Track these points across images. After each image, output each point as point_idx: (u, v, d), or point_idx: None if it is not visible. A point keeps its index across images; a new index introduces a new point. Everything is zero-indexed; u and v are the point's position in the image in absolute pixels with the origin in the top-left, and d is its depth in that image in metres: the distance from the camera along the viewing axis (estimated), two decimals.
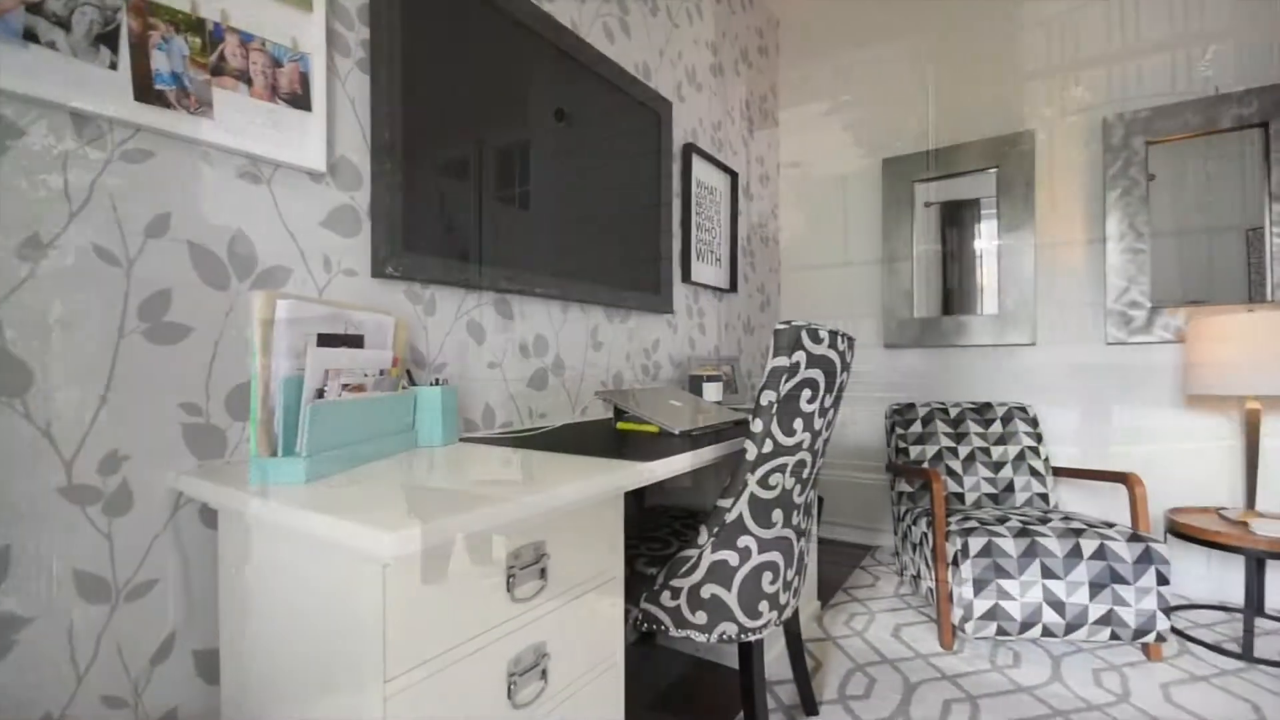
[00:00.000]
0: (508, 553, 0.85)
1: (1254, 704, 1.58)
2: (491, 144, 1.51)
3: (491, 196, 1.50)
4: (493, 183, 1.51)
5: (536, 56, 1.64)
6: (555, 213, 1.70)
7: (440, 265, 1.35)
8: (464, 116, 1.43)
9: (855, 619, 2.12)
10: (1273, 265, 2.19)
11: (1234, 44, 2.27)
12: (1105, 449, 2.50)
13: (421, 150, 1.33)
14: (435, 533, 0.66)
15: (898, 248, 2.90)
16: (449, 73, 1.40)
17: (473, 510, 0.70)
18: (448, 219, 1.39)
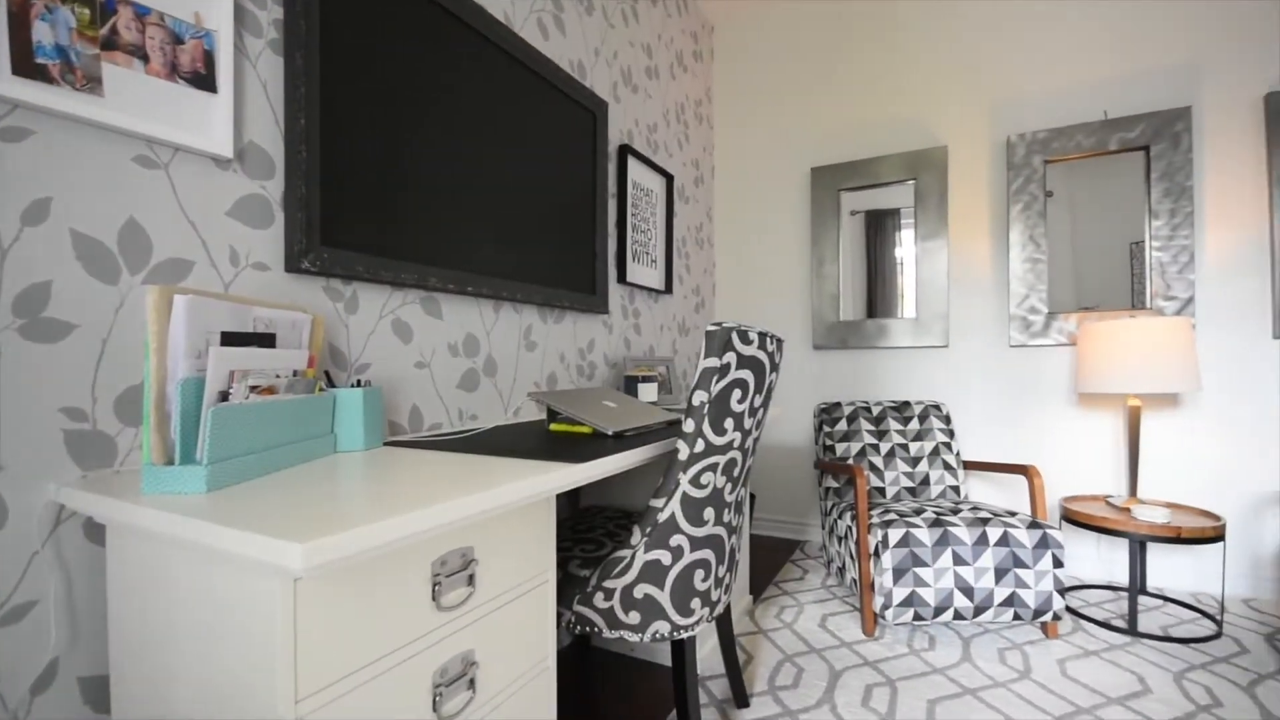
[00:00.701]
0: (433, 560, 0.82)
1: (1139, 675, 1.75)
2: (420, 136, 1.45)
3: (419, 190, 1.45)
4: (421, 176, 1.45)
5: (468, 47, 1.60)
6: (487, 210, 1.66)
7: (363, 261, 1.29)
8: (390, 106, 1.37)
9: (785, 611, 2.18)
10: (1151, 276, 2.43)
11: (1121, 74, 2.50)
12: (1009, 443, 2.69)
13: (343, 140, 1.27)
14: (351, 542, 0.62)
15: (826, 253, 3.01)
16: (374, 60, 1.34)
17: (393, 517, 0.67)
18: (371, 213, 1.33)
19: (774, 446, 3.19)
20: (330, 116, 1.24)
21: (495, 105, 1.69)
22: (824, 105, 3.06)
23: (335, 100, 1.25)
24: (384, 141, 1.36)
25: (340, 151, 1.26)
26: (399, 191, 1.40)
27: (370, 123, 1.33)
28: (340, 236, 1.26)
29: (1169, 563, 2.43)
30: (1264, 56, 2.29)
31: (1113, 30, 2.51)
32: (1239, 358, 2.33)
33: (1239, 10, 2.32)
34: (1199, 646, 1.91)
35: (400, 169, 1.40)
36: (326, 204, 1.23)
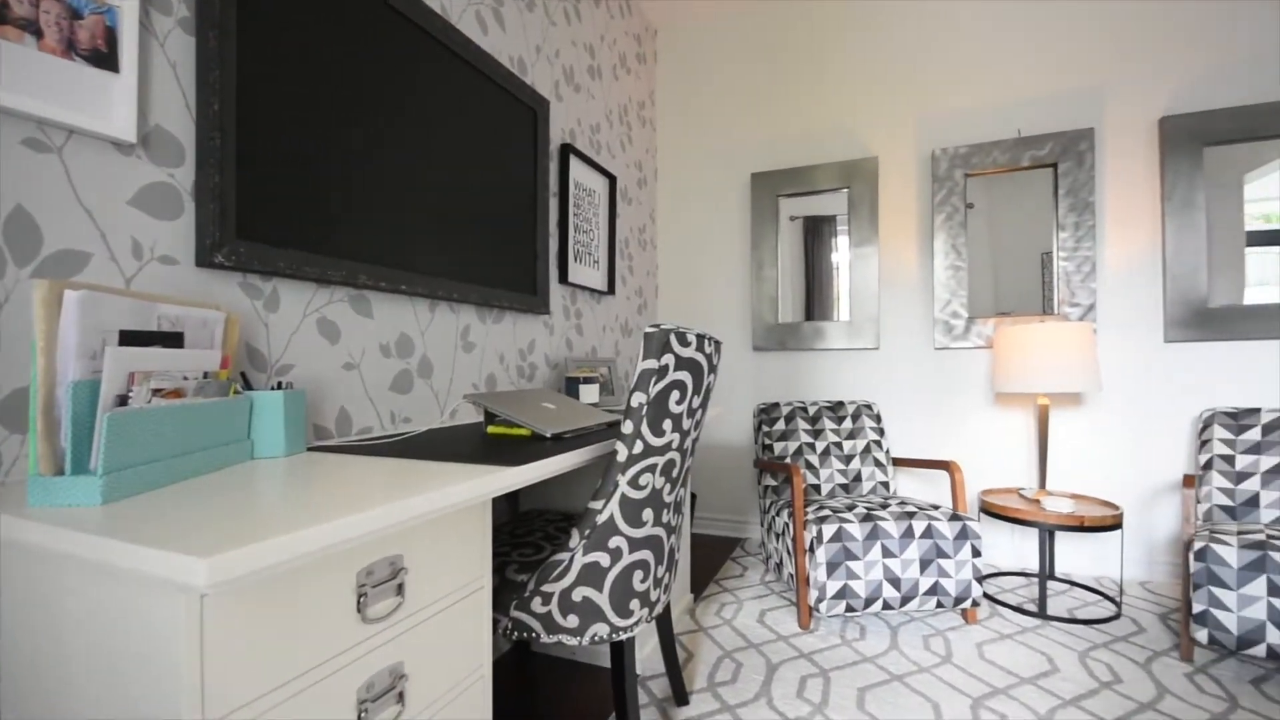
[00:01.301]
0: (358, 571, 0.79)
1: (1048, 656, 1.88)
2: (351, 127, 1.39)
3: (350, 184, 1.39)
4: (351, 169, 1.39)
5: (403, 37, 1.54)
6: (424, 207, 1.61)
7: (285, 256, 1.22)
8: (318, 94, 1.31)
9: (725, 608, 2.22)
10: (1058, 284, 2.62)
11: (1033, 95, 2.68)
12: (934, 440, 2.84)
13: (264, 127, 1.20)
14: (262, 555, 0.59)
15: (765, 257, 3.09)
16: (299, 44, 1.27)
17: (311, 527, 0.64)
18: (295, 206, 1.26)
19: (715, 446, 3.25)
20: (249, 102, 1.17)
21: (432, 99, 1.64)
22: (763, 113, 3.14)
23: (255, 85, 1.18)
24: (311, 131, 1.29)
25: (261, 139, 1.19)
26: (327, 184, 1.33)
27: (296, 110, 1.26)
28: (260, 230, 1.19)
29: (1075, 549, 2.63)
30: (1159, 84, 2.51)
31: (1026, 55, 2.69)
32: (1135, 360, 2.55)
33: (1137, 41, 2.54)
34: (1101, 627, 2.07)
35: (329, 161, 1.34)
36: (244, 195, 1.16)
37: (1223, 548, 1.70)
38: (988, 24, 2.75)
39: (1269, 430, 2.08)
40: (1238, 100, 2.41)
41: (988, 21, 2.75)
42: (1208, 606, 1.71)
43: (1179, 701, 1.61)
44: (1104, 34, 2.58)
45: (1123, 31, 2.55)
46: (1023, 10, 2.69)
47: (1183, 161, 2.45)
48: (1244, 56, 2.40)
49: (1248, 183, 2.41)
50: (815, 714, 1.56)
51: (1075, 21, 2.62)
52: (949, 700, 1.62)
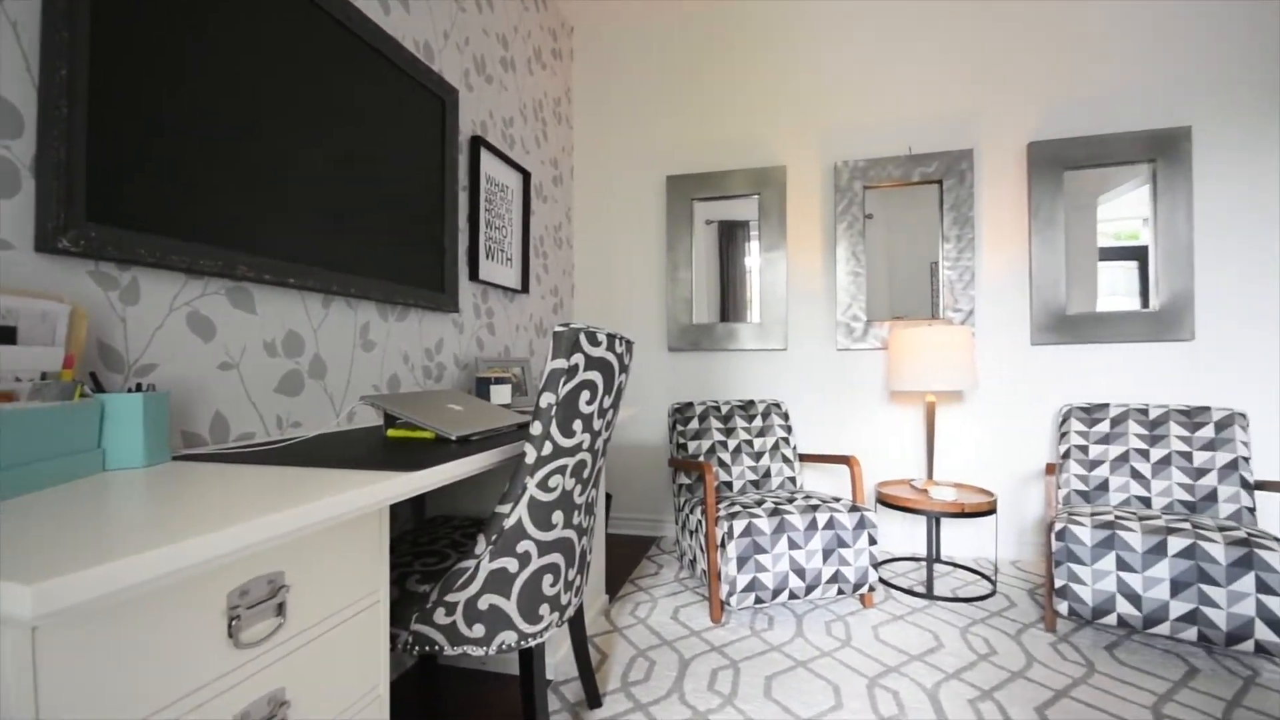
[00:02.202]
0: (230, 591, 0.71)
1: (935, 633, 2.03)
2: (233, 104, 1.27)
3: (230, 166, 1.26)
4: (231, 148, 1.27)
5: (294, 10, 1.43)
6: (318, 195, 1.50)
7: (146, 242, 1.09)
8: (190, 62, 1.18)
9: (640, 607, 2.23)
10: (943, 291, 2.85)
11: (923, 116, 2.90)
12: (836, 436, 3.00)
13: (123, 97, 1.06)
14: (105, 579, 0.51)
15: (680, 259, 3.14)
16: (172, 9, 1.14)
17: (168, 545, 0.57)
18: (162, 187, 1.13)
19: (630, 446, 3.26)
20: (106, 67, 1.04)
21: (328, 79, 1.53)
22: (679, 117, 3.19)
23: (115, 49, 1.05)
24: (183, 103, 1.16)
25: (120, 110, 1.06)
26: (202, 164, 1.20)
27: (165, 79, 1.13)
28: (117, 212, 1.05)
29: (958, 534, 2.86)
30: (1027, 112, 2.79)
31: (917, 79, 2.90)
32: (1007, 361, 2.81)
33: (1009, 72, 2.81)
34: (979, 604, 2.26)
35: (206, 139, 1.21)
36: (98, 172, 1.02)
37: (1078, 528, 1.90)
38: (885, 49, 2.94)
39: (1116, 423, 2.36)
40: (1093, 130, 2.72)
41: (885, 46, 2.94)
42: (1067, 581, 1.91)
43: (1045, 669, 1.78)
44: (982, 64, 2.83)
45: (997, 63, 2.81)
46: (914, 38, 2.91)
47: (1046, 183, 2.73)
48: (1098, 91, 2.72)
49: (1100, 204, 2.73)
50: (725, 705, 1.60)
51: (958, 52, 2.86)
52: (848, 681, 1.71)
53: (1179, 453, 2.19)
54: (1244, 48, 2.58)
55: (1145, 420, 2.29)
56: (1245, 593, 1.66)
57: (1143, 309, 2.67)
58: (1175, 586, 1.75)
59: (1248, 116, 2.57)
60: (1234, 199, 2.59)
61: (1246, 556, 1.67)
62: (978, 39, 2.84)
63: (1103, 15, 2.71)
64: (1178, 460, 2.18)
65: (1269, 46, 2.56)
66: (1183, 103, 2.64)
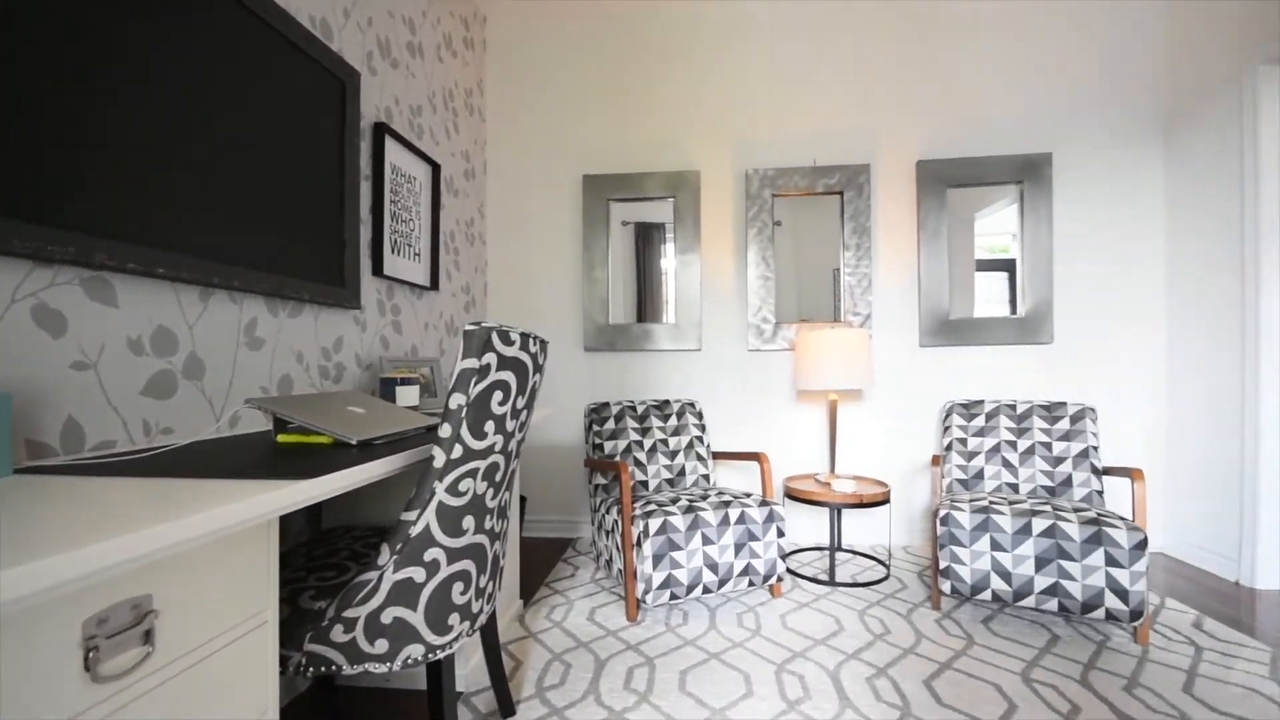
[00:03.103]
0: (85, 620, 0.63)
1: (836, 618, 2.14)
2: (93, 67, 1.11)
3: (93, 140, 1.11)
4: (92, 121, 1.12)
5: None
6: (196, 177, 1.35)
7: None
8: (42, 19, 1.03)
9: (556, 610, 2.20)
10: (844, 295, 3.03)
11: (827, 130, 3.06)
12: (748, 434, 3.11)
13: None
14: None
15: (596, 258, 3.13)
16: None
17: (2, 572, 0.49)
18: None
19: (546, 447, 3.21)
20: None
21: (208, 50, 1.38)
22: (596, 117, 3.18)
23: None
24: (31, 66, 1.01)
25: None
26: (55, 138, 1.05)
27: (7, 35, 0.98)
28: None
29: (857, 523, 3.05)
30: (918, 132, 3.02)
31: (822, 94, 3.06)
32: (899, 361, 3.03)
33: (902, 94, 3.03)
34: (875, 588, 2.42)
35: (59, 111, 1.06)
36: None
37: (959, 513, 2.08)
38: (793, 64, 3.08)
39: (990, 417, 2.60)
40: (972, 152, 2.99)
41: (793, 62, 3.08)
42: (950, 563, 2.08)
43: (931, 644, 1.94)
44: (878, 87, 3.04)
45: (891, 87, 3.03)
46: (820, 58, 3.07)
47: (933, 199, 2.97)
48: (977, 117, 2.99)
49: (977, 219, 3.01)
50: (641, 703, 1.61)
51: (857, 73, 3.05)
52: (757, 669, 1.78)
53: (1041, 443, 2.45)
54: (1097, 86, 2.93)
55: (1014, 415, 2.55)
56: (1096, 566, 1.89)
57: (1012, 315, 2.97)
58: (1039, 563, 1.95)
59: (1098, 146, 2.93)
60: (1086, 218, 2.94)
61: (1096, 534, 1.90)
62: (874, 63, 3.04)
63: (981, 50, 2.99)
64: (1040, 450, 2.44)
65: (1117, 86, 2.93)
66: (1045, 132, 2.96)
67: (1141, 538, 1.86)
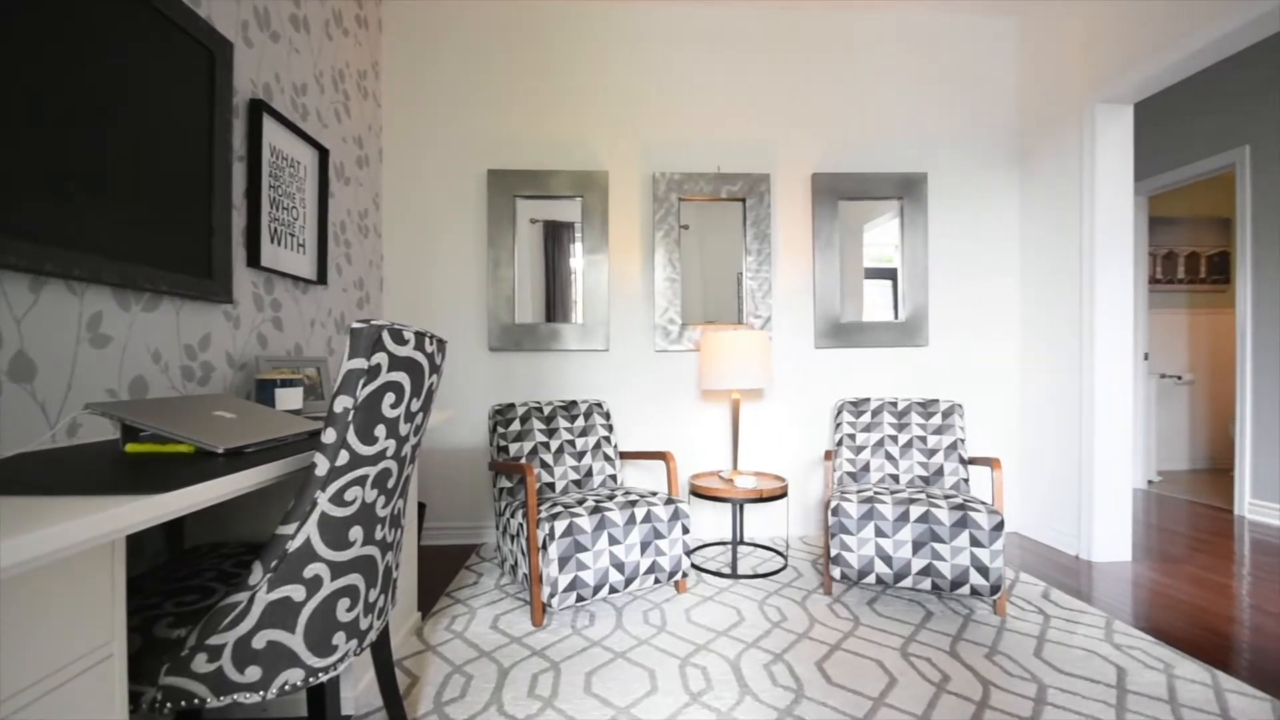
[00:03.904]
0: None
1: (737, 609, 2.22)
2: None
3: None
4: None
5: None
6: (24, 148, 1.16)
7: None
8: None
9: (457, 620, 2.11)
10: (746, 299, 3.15)
11: (730, 139, 3.17)
12: (655, 434, 3.15)
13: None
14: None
15: (502, 256, 3.05)
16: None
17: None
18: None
19: (448, 451, 3.08)
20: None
21: (54, 8, 1.20)
22: (501, 110, 3.09)
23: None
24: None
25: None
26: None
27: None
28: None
29: (758, 517, 3.18)
30: (813, 145, 3.20)
31: (725, 104, 3.17)
32: (796, 362, 3.20)
33: (799, 109, 3.19)
34: (774, 578, 2.53)
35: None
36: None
37: (847, 504, 2.23)
38: (700, 74, 3.16)
39: (875, 414, 2.80)
40: (860, 168, 3.21)
41: (699, 71, 3.16)
42: (840, 550, 2.22)
43: (823, 627, 2.05)
44: (778, 100, 3.19)
45: (789, 101, 3.19)
46: (724, 69, 3.17)
47: (826, 210, 3.16)
48: (865, 136, 3.21)
49: (865, 230, 3.23)
50: (545, 708, 1.58)
51: (759, 86, 3.18)
52: (662, 665, 1.80)
53: (918, 437, 2.68)
54: (964, 116, 3.25)
55: (895, 411, 2.76)
56: (963, 547, 2.09)
57: (894, 320, 3.22)
58: (915, 547, 2.13)
59: (965, 169, 3.25)
60: (956, 233, 3.25)
61: (963, 519, 2.10)
62: (775, 79, 3.19)
63: (869, 76, 3.22)
64: (917, 444, 2.67)
65: (981, 117, 3.26)
66: (922, 153, 3.24)
67: (999, 520, 2.08)
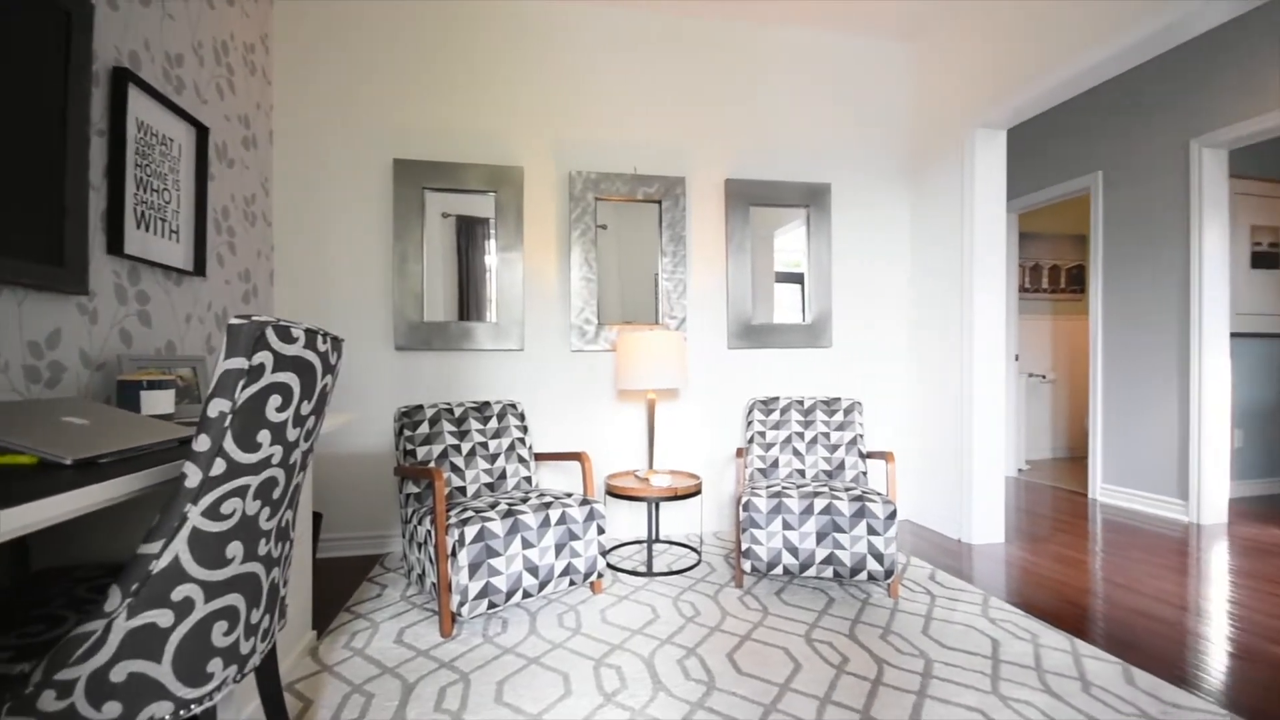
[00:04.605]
0: None
1: (652, 606, 2.24)
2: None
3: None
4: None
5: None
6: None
7: None
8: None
9: (357, 637, 1.99)
10: (662, 299, 3.19)
11: (647, 140, 3.20)
12: (572, 434, 3.13)
13: None
14: None
15: (410, 250, 2.91)
16: None
17: None
18: None
19: (349, 456, 2.90)
20: None
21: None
22: (410, 97, 2.95)
23: None
24: None
25: None
26: None
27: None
28: None
29: (673, 514, 3.24)
30: (727, 152, 3.29)
31: (643, 106, 3.19)
32: (710, 362, 3.28)
33: (713, 116, 3.28)
34: (688, 574, 2.58)
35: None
36: None
37: (757, 499, 2.31)
38: (617, 74, 3.17)
39: (784, 412, 2.92)
40: (771, 176, 3.34)
41: (619, 73, 3.17)
42: (750, 544, 2.30)
43: (734, 619, 2.12)
44: (692, 106, 3.26)
45: (704, 108, 3.27)
46: (642, 71, 3.20)
47: (738, 215, 3.27)
48: (774, 145, 3.35)
49: (776, 236, 3.37)
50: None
51: (675, 91, 3.24)
52: (576, 668, 1.78)
53: (822, 434, 2.82)
54: (863, 132, 3.47)
55: (802, 409, 2.90)
56: (861, 536, 2.22)
57: (802, 322, 3.38)
58: (819, 537, 2.24)
59: (863, 182, 3.47)
60: (856, 241, 3.46)
61: (861, 509, 2.23)
62: (690, 84, 3.25)
63: (780, 87, 3.36)
64: (821, 439, 2.81)
65: (878, 134, 3.49)
66: (826, 165, 3.42)
67: (893, 509, 2.23)
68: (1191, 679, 1.71)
